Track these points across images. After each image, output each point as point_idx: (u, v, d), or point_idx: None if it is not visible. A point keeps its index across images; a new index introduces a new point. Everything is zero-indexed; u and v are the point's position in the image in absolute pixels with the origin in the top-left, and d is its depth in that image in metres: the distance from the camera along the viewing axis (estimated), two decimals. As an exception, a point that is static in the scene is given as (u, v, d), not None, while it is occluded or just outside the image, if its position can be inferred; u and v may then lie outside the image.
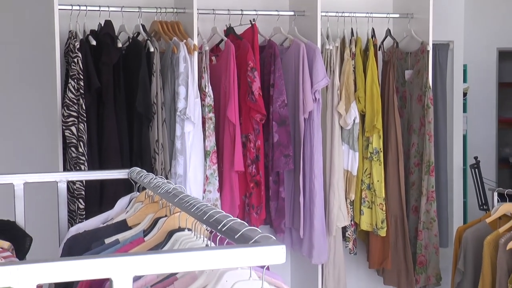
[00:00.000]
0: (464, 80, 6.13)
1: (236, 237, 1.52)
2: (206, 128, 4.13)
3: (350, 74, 4.44)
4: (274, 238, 1.44)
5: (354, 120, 4.41)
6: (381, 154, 4.51)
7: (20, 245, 2.68)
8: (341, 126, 4.43)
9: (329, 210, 4.38)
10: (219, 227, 1.64)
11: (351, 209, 4.55)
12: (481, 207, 7.25)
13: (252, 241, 1.45)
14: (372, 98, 4.46)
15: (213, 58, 4.33)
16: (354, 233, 4.62)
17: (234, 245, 1.50)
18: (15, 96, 5.55)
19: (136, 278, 1.42)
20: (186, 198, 2.03)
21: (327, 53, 4.45)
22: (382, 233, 4.52)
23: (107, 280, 1.34)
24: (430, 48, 4.63)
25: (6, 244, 2.54)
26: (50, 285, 2.48)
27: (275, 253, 1.39)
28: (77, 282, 2.23)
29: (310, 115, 4.26)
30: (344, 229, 4.56)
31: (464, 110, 6.26)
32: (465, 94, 6.47)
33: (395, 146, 4.57)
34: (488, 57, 8.39)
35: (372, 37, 4.65)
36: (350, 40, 4.58)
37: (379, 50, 4.74)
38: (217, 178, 4.17)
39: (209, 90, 4.15)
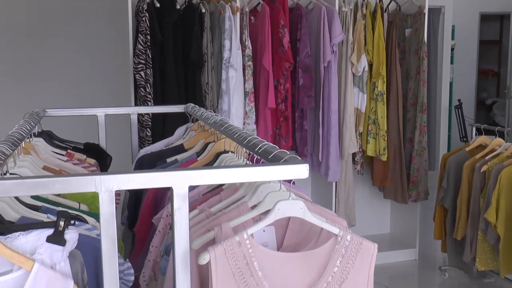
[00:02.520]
0: (452, 38, 5.98)
1: (269, 157, 1.52)
2: (246, 74, 4.12)
3: (361, 31, 4.36)
4: (300, 158, 1.43)
5: (363, 68, 4.36)
6: (385, 96, 4.47)
7: (103, 162, 2.72)
8: (353, 73, 4.38)
9: (342, 139, 4.37)
10: (256, 150, 1.63)
11: (360, 139, 4.53)
12: (462, 139, 7.20)
13: (282, 160, 1.44)
14: (378, 51, 4.40)
15: (252, 17, 4.29)
16: (362, 158, 4.61)
17: (268, 163, 1.49)
18: (97, 49, 5.57)
19: (191, 188, 1.43)
20: (230, 127, 2.03)
21: (343, 14, 4.36)
22: (384, 158, 4.51)
23: (169, 189, 1.35)
24: (426, 11, 4.53)
25: (92, 161, 2.57)
26: (125, 192, 2.52)
27: (301, 170, 1.38)
28: (146, 190, 2.27)
29: (329, 64, 4.22)
30: (353, 155, 4.56)
31: (451, 62, 6.15)
32: (452, 49, 6.36)
33: (395, 89, 4.52)
34: (472, 19, 8.23)
35: (379, 2, 4.53)
36: (362, 4, 4.47)
37: (385, 12, 4.64)
38: (254, 113, 4.17)
39: (248, 43, 4.12)
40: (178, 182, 1.33)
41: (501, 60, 9.14)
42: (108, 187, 1.29)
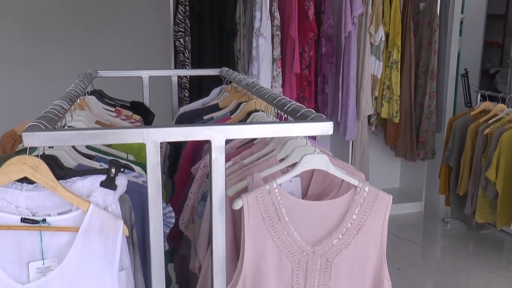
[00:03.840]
0: (462, 12, 5.80)
1: (297, 115, 1.50)
2: (274, 42, 4.07)
3: (380, 5, 4.24)
4: (325, 117, 1.41)
5: (380, 39, 4.26)
6: (399, 64, 4.38)
7: (147, 118, 2.73)
8: (371, 43, 4.28)
9: (359, 102, 4.31)
10: (285, 109, 1.61)
11: (375, 102, 4.46)
12: (466, 105, 7.07)
13: (309, 118, 1.43)
14: (394, 23, 4.30)
15: (281, -9, 4.21)
16: (376, 120, 4.55)
17: (296, 120, 1.48)
18: (142, 18, 5.56)
19: (227, 142, 1.42)
20: (261, 88, 2.01)
21: (363, -11, 4.27)
22: (396, 120, 4.45)
23: (206, 142, 1.35)
24: (439, -13, 4.42)
25: (138, 117, 2.58)
26: (166, 145, 2.52)
27: (325, 127, 1.37)
28: (185, 144, 2.27)
29: (349, 34, 4.14)
30: (369, 117, 4.49)
31: (460, 34, 5.96)
32: (461, 22, 6.18)
33: (409, 58, 4.43)
34: (480, -6, 8.02)
35: (397, -23, 4.42)
36: (381, -21, 4.37)
37: (401, -13, 4.53)
38: (281, 77, 4.13)
39: (277, 14, 4.04)
40: (216, 135, 1.32)
41: (506, 32, 8.92)
42: (154, 138, 1.29)
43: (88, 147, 1.76)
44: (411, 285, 3.43)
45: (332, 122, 1.36)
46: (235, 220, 1.52)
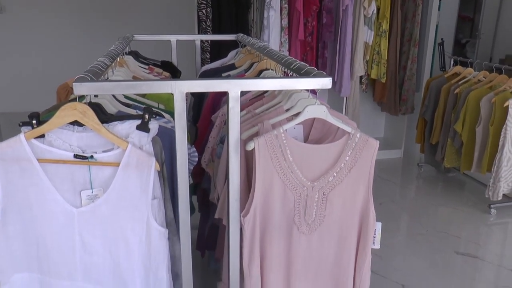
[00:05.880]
0: (442, -11, 5.63)
1: (301, 72, 1.46)
2: (282, 13, 3.94)
3: (372, -18, 4.11)
4: (325, 73, 1.36)
5: (373, 12, 4.11)
6: (387, 33, 4.25)
7: (175, 75, 2.69)
8: (364, 15, 4.15)
9: (353, 65, 4.21)
10: (291, 67, 1.57)
11: (366, 65, 4.36)
12: (441, 69, 6.96)
13: (311, 74, 1.38)
14: (384, -2, 4.17)
15: (288, -31, 4.06)
16: (367, 80, 4.46)
17: (301, 76, 1.44)
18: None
19: (242, 94, 1.39)
20: (271, 50, 1.95)
21: (359, -32, 4.10)
22: (383, 80, 4.36)
23: (224, 95, 1.31)
24: (422, -33, 4.23)
25: (167, 74, 2.54)
26: (191, 98, 2.48)
27: (325, 82, 1.32)
28: (207, 96, 2.24)
29: (347, 7, 4.00)
30: (361, 77, 4.40)
31: (439, 9, 5.78)
32: (441, -1, 6.01)
33: (396, 28, 4.30)
34: (458, -25, 7.75)
35: (388, -42, 4.24)
36: (374, -40, 4.19)
37: (391, -33, 4.34)
38: (288, 43, 4.03)
39: (285, -11, 3.93)
40: (233, 87, 1.29)
41: (476, 9, 8.68)
42: (181, 89, 1.26)
43: (126, 97, 1.73)
44: (390, 217, 3.45)
45: (331, 78, 1.31)
46: (248, 159, 1.50)
